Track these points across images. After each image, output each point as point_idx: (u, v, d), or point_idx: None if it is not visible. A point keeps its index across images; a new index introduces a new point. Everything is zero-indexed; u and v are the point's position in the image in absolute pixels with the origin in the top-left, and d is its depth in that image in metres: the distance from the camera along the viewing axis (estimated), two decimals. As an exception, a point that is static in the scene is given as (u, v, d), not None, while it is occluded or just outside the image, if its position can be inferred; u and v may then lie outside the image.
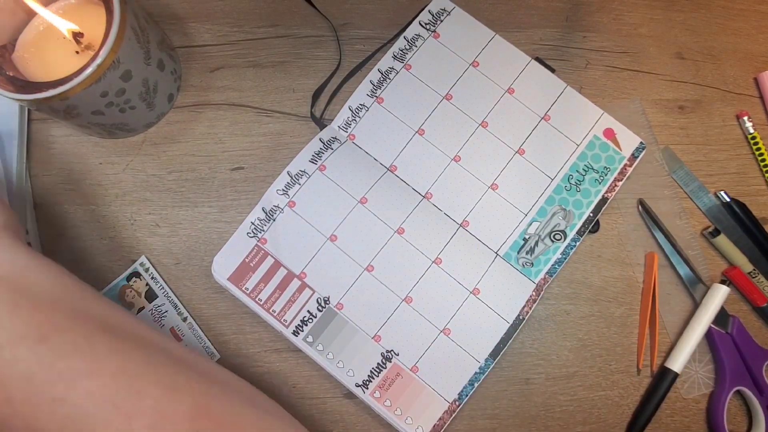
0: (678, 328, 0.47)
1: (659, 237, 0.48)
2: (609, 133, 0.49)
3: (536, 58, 0.50)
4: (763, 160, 0.50)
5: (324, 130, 0.48)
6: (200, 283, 0.47)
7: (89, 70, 0.38)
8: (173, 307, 0.46)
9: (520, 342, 0.47)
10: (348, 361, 0.44)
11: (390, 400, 0.44)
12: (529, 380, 0.46)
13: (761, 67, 0.52)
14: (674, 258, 0.48)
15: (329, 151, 0.47)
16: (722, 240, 0.48)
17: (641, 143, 0.49)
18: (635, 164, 0.48)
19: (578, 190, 0.48)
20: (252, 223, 0.46)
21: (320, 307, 0.45)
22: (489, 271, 0.46)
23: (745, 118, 0.51)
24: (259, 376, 0.46)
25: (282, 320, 0.44)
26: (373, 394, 0.44)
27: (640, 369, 0.47)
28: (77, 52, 0.43)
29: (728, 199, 0.49)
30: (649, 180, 0.50)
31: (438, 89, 0.49)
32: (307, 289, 0.45)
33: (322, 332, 0.44)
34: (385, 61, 0.50)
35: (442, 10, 0.50)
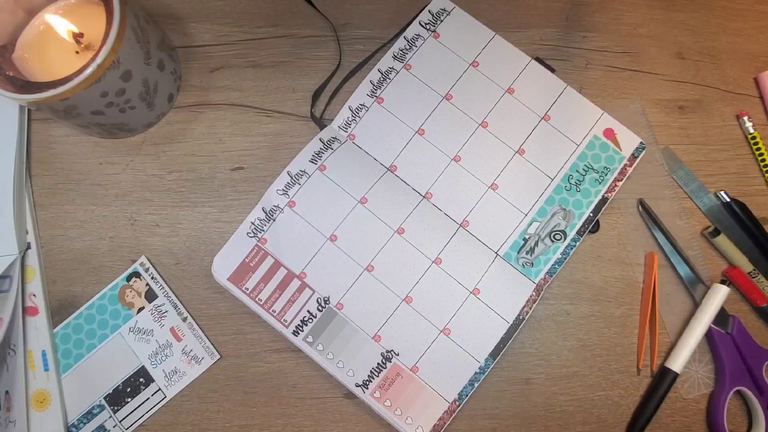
0: (678, 328, 0.47)
1: (659, 237, 0.48)
2: (609, 133, 0.49)
3: (536, 58, 0.50)
4: (763, 160, 0.50)
5: (324, 130, 0.48)
6: (200, 283, 0.47)
7: (89, 70, 0.38)
8: (173, 307, 0.46)
9: (520, 342, 0.47)
10: (348, 361, 0.44)
11: (390, 400, 0.44)
12: (529, 380, 0.46)
13: (761, 67, 0.52)
14: (674, 258, 0.48)
15: (329, 151, 0.47)
16: (722, 240, 0.48)
17: (641, 143, 0.49)
18: (635, 164, 0.48)
19: (578, 190, 0.48)
20: (252, 223, 0.46)
21: (320, 307, 0.45)
22: (489, 271, 0.46)
23: (745, 118, 0.51)
24: (259, 376, 0.46)
25: (282, 320, 0.44)
26: (373, 394, 0.44)
27: (640, 369, 0.47)
28: (77, 52, 0.43)
29: (728, 199, 0.49)
30: (649, 180, 0.50)
31: (438, 89, 0.49)
32: (307, 289, 0.45)
33: (322, 332, 0.44)
34: (385, 61, 0.50)
35: (442, 10, 0.50)
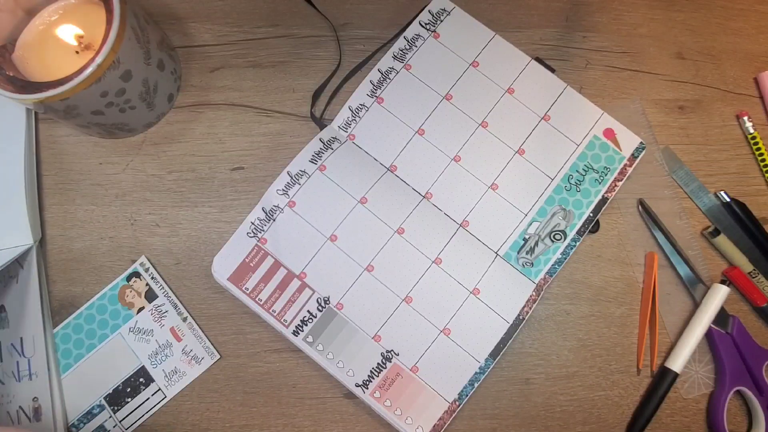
0: (678, 328, 0.47)
1: (659, 237, 0.48)
2: (609, 133, 0.49)
3: (536, 58, 0.50)
4: (763, 160, 0.50)
5: (324, 130, 0.48)
6: (200, 283, 0.47)
7: (89, 70, 0.38)
8: (173, 307, 0.46)
9: (520, 342, 0.47)
10: (348, 361, 0.44)
11: (390, 400, 0.44)
12: (529, 380, 0.46)
13: (761, 67, 0.52)
14: (674, 258, 0.48)
15: (329, 151, 0.47)
16: (722, 240, 0.48)
17: (641, 143, 0.49)
18: (635, 164, 0.48)
19: (578, 190, 0.48)
20: (252, 223, 0.46)
21: (320, 307, 0.45)
22: (489, 271, 0.46)
23: (745, 118, 0.51)
24: (259, 376, 0.46)
25: (282, 320, 0.44)
26: (373, 394, 0.44)
27: (640, 369, 0.47)
28: (77, 52, 0.43)
29: (728, 199, 0.49)
30: (649, 180, 0.50)
31: (438, 89, 0.49)
32: (307, 289, 0.45)
33: (322, 332, 0.44)
34: (385, 61, 0.50)
35: (442, 10, 0.50)
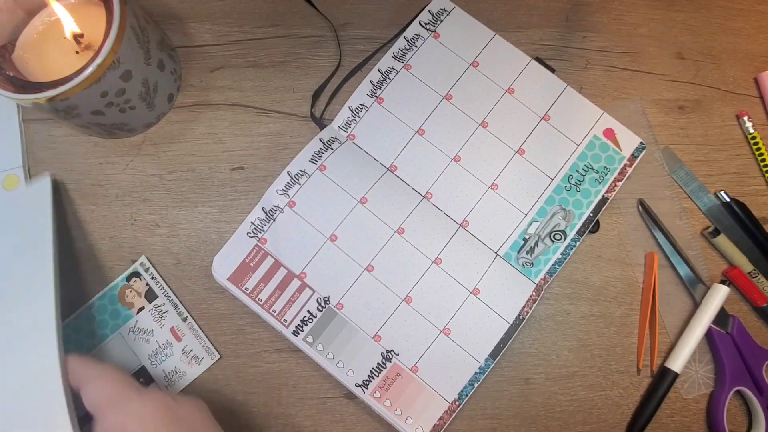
0: (678, 328, 0.47)
1: (659, 237, 0.48)
2: (609, 133, 0.49)
3: (536, 58, 0.50)
4: (763, 160, 0.50)
5: (324, 130, 0.48)
6: (200, 283, 0.47)
7: (89, 70, 0.38)
8: (173, 306, 0.46)
9: (520, 342, 0.47)
10: (348, 361, 0.44)
11: (390, 400, 0.44)
12: (529, 380, 0.46)
13: (761, 67, 0.52)
14: (674, 258, 0.48)
15: (329, 151, 0.47)
16: (722, 240, 0.48)
17: (641, 143, 0.49)
18: (635, 164, 0.48)
19: (578, 190, 0.48)
20: (252, 223, 0.46)
21: (320, 307, 0.45)
22: (489, 271, 0.46)
23: (745, 118, 0.51)
24: (259, 376, 0.46)
25: (282, 320, 0.44)
26: (373, 394, 0.44)
27: (640, 369, 0.47)
28: (77, 52, 0.43)
29: (728, 199, 0.49)
30: (649, 180, 0.50)
31: (438, 89, 0.49)
32: (307, 289, 0.45)
33: (322, 332, 0.44)
34: (385, 61, 0.50)
35: (442, 10, 0.50)
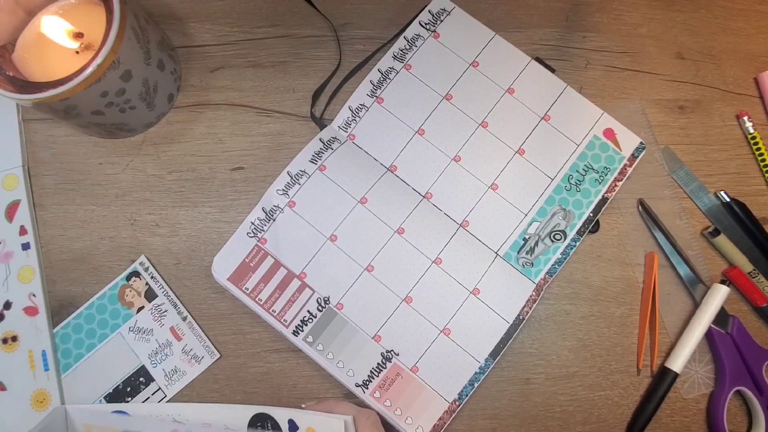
0: (678, 328, 0.47)
1: (659, 237, 0.48)
2: (609, 133, 0.49)
3: (536, 58, 0.50)
4: (763, 160, 0.50)
5: (324, 130, 0.48)
6: (200, 283, 0.47)
7: (89, 70, 0.38)
8: (173, 306, 0.46)
9: (520, 342, 0.47)
10: (348, 361, 0.44)
11: (390, 400, 0.44)
12: (529, 380, 0.46)
13: (761, 67, 0.52)
14: (674, 258, 0.48)
15: (329, 151, 0.47)
16: (722, 240, 0.48)
17: (641, 143, 0.49)
18: (635, 164, 0.48)
19: (578, 190, 0.48)
20: (252, 223, 0.46)
21: (320, 307, 0.45)
22: (489, 271, 0.46)
23: (745, 118, 0.51)
24: (259, 376, 0.46)
25: (282, 320, 0.44)
26: (373, 394, 0.44)
27: (640, 369, 0.47)
28: (77, 52, 0.43)
29: (728, 199, 0.49)
30: (649, 180, 0.50)
31: (438, 89, 0.49)
32: (307, 289, 0.45)
33: (322, 332, 0.44)
34: (385, 61, 0.50)
35: (442, 10, 0.50)
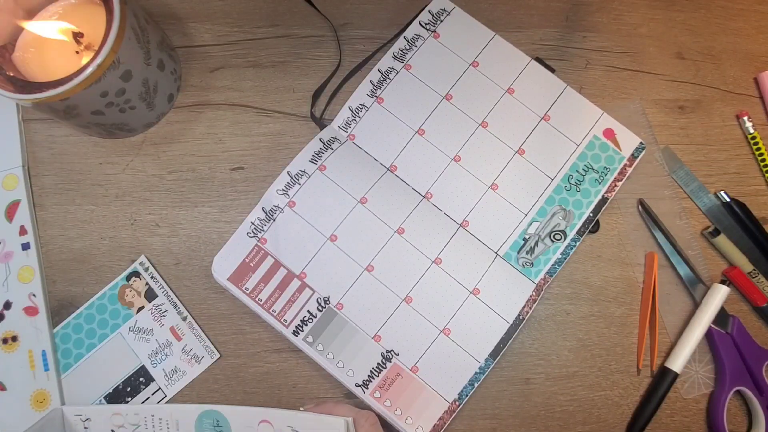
0: (678, 328, 0.47)
1: (659, 237, 0.48)
2: (609, 133, 0.49)
3: (536, 58, 0.50)
4: (763, 160, 0.50)
5: (324, 130, 0.48)
6: (200, 283, 0.47)
7: (89, 70, 0.38)
8: (173, 306, 0.46)
9: (520, 342, 0.47)
10: (348, 361, 0.44)
11: (390, 400, 0.44)
12: (529, 380, 0.46)
13: (761, 67, 0.52)
14: (674, 258, 0.48)
15: (329, 151, 0.47)
16: (722, 240, 0.48)
17: (641, 143, 0.49)
18: (635, 164, 0.48)
19: (578, 190, 0.48)
20: (252, 223, 0.46)
21: (320, 307, 0.45)
22: (489, 271, 0.46)
23: (745, 118, 0.51)
24: (259, 376, 0.46)
25: (282, 320, 0.44)
26: (373, 394, 0.44)
27: (640, 369, 0.47)
28: (77, 52, 0.43)
29: (728, 199, 0.49)
30: (649, 180, 0.50)
31: (438, 89, 0.49)
32: (307, 289, 0.45)
33: (322, 332, 0.44)
34: (385, 61, 0.50)
35: (442, 10, 0.50)
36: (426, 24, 0.50)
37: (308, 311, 0.45)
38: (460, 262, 0.46)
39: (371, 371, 0.44)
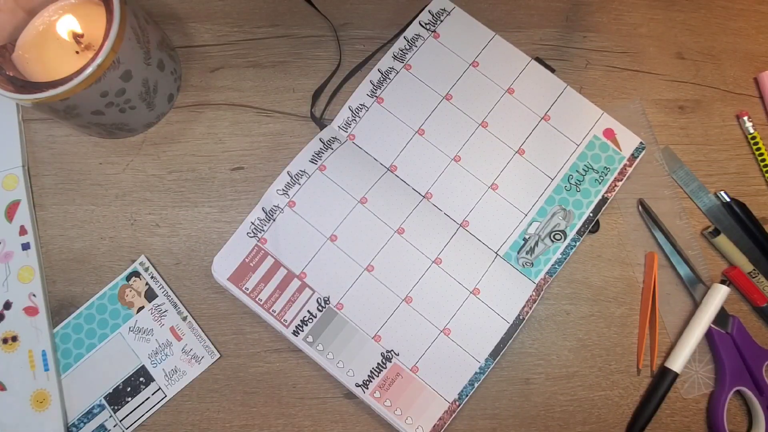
0: (678, 328, 0.47)
1: (659, 237, 0.48)
2: (609, 133, 0.49)
3: (536, 58, 0.50)
4: (763, 160, 0.50)
5: (324, 130, 0.48)
6: (200, 283, 0.47)
7: (89, 70, 0.38)
8: (173, 306, 0.46)
9: (520, 342, 0.47)
10: (348, 361, 0.44)
11: (390, 400, 0.44)
12: (529, 380, 0.46)
13: (761, 67, 0.52)
14: (674, 258, 0.48)
15: (329, 151, 0.47)
16: (722, 240, 0.48)
17: (641, 143, 0.49)
18: (635, 164, 0.48)
19: (578, 190, 0.48)
20: (252, 223, 0.46)
21: (320, 307, 0.45)
22: (489, 271, 0.46)
23: (745, 118, 0.51)
24: (259, 376, 0.46)
25: (282, 320, 0.44)
26: (373, 394, 0.44)
27: (640, 369, 0.47)
28: (77, 52, 0.43)
29: (728, 199, 0.49)
30: (649, 180, 0.50)
31: (438, 89, 0.49)
32: (307, 289, 0.45)
33: (322, 332, 0.44)
34: (385, 61, 0.50)
35: (442, 10, 0.50)
36: (426, 24, 0.50)
37: (308, 311, 0.45)
38: (460, 262, 0.46)
39: (371, 371, 0.44)
